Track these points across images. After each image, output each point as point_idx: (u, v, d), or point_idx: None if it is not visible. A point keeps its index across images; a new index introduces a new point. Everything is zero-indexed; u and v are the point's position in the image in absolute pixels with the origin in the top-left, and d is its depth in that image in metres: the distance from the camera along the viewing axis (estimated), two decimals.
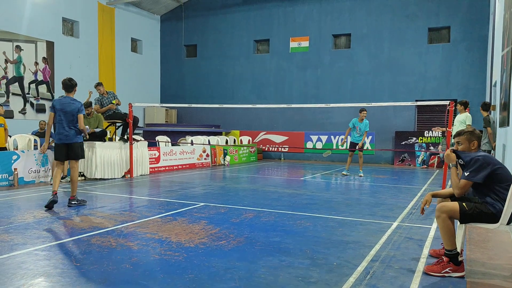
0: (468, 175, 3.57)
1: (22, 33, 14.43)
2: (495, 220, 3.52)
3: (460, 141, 3.80)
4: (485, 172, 3.50)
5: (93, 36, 17.15)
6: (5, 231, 4.96)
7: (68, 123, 6.52)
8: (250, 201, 7.33)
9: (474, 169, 3.54)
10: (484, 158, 3.56)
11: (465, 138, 3.77)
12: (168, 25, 20.90)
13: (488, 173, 3.50)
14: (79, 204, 6.67)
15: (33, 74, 14.91)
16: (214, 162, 14.94)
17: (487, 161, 3.54)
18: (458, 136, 3.83)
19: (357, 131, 11.73)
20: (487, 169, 3.51)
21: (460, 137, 3.80)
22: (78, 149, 6.64)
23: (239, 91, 19.35)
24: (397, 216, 6.14)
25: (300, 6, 18.01)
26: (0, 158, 8.82)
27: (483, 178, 3.51)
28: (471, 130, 3.81)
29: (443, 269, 3.59)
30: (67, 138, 6.53)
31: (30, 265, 3.74)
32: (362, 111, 11.63)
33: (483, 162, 3.53)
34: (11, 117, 13.97)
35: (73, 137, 6.58)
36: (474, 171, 3.54)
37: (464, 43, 15.46)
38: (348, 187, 9.71)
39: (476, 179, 3.53)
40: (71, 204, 6.60)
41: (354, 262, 3.91)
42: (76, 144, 6.61)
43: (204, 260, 3.91)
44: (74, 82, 6.72)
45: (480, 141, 3.80)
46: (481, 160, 3.54)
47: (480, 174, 3.51)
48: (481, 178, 3.51)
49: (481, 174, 3.51)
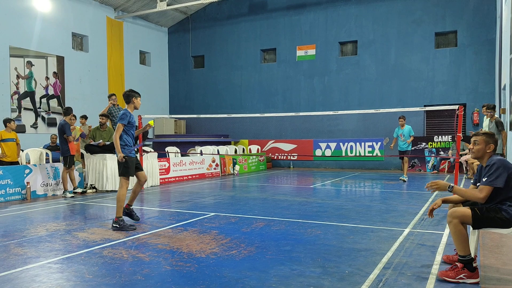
0: (487, 180, 3.50)
1: (33, 48, 14.69)
2: (508, 225, 3.48)
3: (478, 140, 3.72)
4: (504, 175, 3.46)
5: (102, 50, 17.39)
6: (19, 245, 5.02)
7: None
8: (260, 210, 7.32)
9: (492, 173, 3.49)
10: (500, 161, 3.52)
11: (482, 139, 3.69)
12: (176, 37, 21.13)
13: (506, 176, 3.46)
14: (120, 228, 5.77)
15: (44, 88, 15.15)
16: (224, 172, 14.97)
17: (504, 164, 3.50)
18: (476, 136, 3.75)
19: (401, 139, 11.92)
20: (504, 172, 3.46)
21: (478, 137, 3.72)
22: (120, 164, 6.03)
23: (247, 101, 19.43)
24: (408, 222, 6.09)
25: (306, 14, 18.11)
26: (13, 172, 8.95)
27: (503, 181, 3.46)
28: (490, 133, 3.76)
29: (458, 275, 3.55)
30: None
31: (44, 278, 3.78)
32: (399, 118, 11.98)
33: (499, 165, 3.48)
34: (23, 131, 14.17)
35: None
36: (493, 175, 3.48)
37: (471, 47, 15.38)
38: (358, 194, 9.65)
39: (497, 184, 3.47)
40: (112, 225, 5.88)
41: (366, 270, 3.89)
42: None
43: (215, 270, 3.91)
44: (132, 93, 6.17)
45: (496, 146, 3.74)
46: (498, 163, 3.50)
47: (499, 178, 3.46)
48: (502, 182, 3.46)
49: (501, 178, 3.46)
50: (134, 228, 5.80)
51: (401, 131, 11.92)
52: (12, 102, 14.12)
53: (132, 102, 6.12)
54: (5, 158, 9.46)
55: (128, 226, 5.80)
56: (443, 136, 15.51)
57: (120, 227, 5.76)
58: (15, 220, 6.70)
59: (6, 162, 9.44)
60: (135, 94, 6.16)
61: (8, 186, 8.80)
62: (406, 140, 11.82)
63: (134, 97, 6.12)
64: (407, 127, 11.88)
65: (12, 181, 8.87)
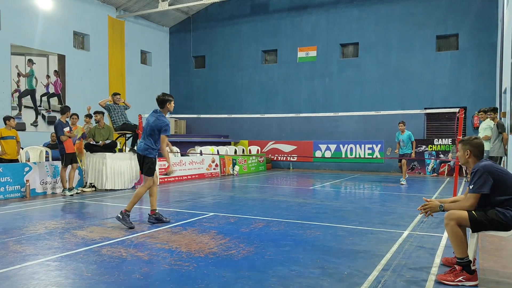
0: (473, 188, 3.55)
1: (34, 47, 14.70)
2: (507, 228, 3.48)
3: (458, 148, 3.89)
4: (489, 181, 3.47)
5: (103, 49, 17.40)
6: (17, 242, 5.02)
7: (147, 136, 6.11)
8: (260, 210, 7.32)
9: (477, 180, 3.52)
10: (483, 167, 3.54)
11: (460, 147, 3.83)
12: (177, 37, 21.14)
13: (492, 181, 3.47)
14: (122, 220, 5.87)
15: (45, 87, 15.15)
16: (223, 172, 14.96)
17: (488, 169, 3.51)
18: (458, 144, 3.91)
19: (402, 144, 11.83)
20: (489, 178, 3.48)
21: (458, 145, 3.88)
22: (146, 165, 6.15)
23: (248, 101, 19.43)
24: (407, 224, 6.09)
25: (308, 16, 18.12)
26: (13, 170, 8.94)
27: (489, 188, 3.47)
28: (466, 139, 3.81)
29: (456, 278, 3.54)
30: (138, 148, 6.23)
31: (42, 276, 3.78)
32: (399, 124, 11.85)
33: (483, 172, 3.51)
34: (23, 129, 14.17)
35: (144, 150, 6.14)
36: (477, 182, 3.51)
37: (472, 50, 15.38)
38: (357, 196, 9.65)
39: (483, 191, 3.49)
40: (117, 216, 5.93)
41: (365, 271, 3.88)
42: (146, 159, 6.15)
43: (214, 270, 3.91)
44: (167, 97, 6.15)
45: (477, 150, 3.73)
46: (481, 170, 3.53)
47: (485, 185, 3.48)
48: (487, 188, 3.48)
49: (486, 184, 3.47)
50: (133, 227, 5.81)
51: (401, 136, 11.81)
52: (13, 100, 14.12)
53: (167, 108, 6.16)
54: (4, 156, 9.46)
55: (129, 223, 5.83)
56: (443, 139, 15.51)
57: (122, 219, 5.83)
58: (14, 217, 6.69)
59: (6, 159, 9.44)
60: (170, 99, 6.19)
61: (7, 183, 8.79)
62: (406, 146, 11.74)
63: (168, 102, 6.14)
64: (407, 133, 11.72)
65: (11, 178, 8.87)
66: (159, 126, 6.00)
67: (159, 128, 6.00)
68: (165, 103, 6.12)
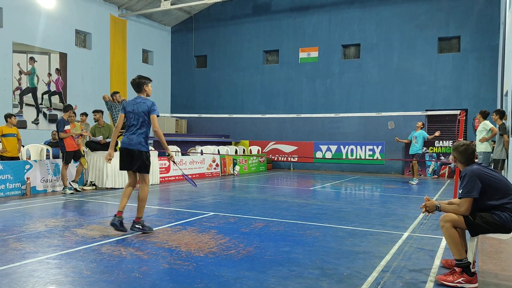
0: (462, 192, 3.56)
1: (36, 45, 14.71)
2: (506, 230, 3.47)
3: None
4: (477, 185, 3.48)
5: (105, 47, 17.41)
6: (17, 240, 5.02)
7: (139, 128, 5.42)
8: (260, 210, 7.32)
9: (465, 184, 3.53)
10: (471, 171, 3.56)
11: (452, 153, 3.90)
12: (179, 36, 21.14)
13: (480, 185, 3.48)
14: (143, 230, 5.40)
15: (46, 85, 15.16)
16: (224, 172, 14.96)
17: (476, 174, 3.52)
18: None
19: (414, 141, 12.62)
20: (477, 182, 3.48)
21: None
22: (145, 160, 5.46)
23: (249, 101, 19.43)
24: (407, 226, 6.08)
25: (310, 16, 18.11)
26: (13, 167, 8.95)
27: (478, 191, 3.48)
28: (454, 145, 3.85)
29: (456, 280, 3.54)
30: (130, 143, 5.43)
31: (42, 273, 3.78)
32: (418, 123, 12.86)
33: (470, 176, 3.52)
34: (24, 127, 14.17)
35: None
36: (466, 187, 3.53)
37: (474, 52, 15.37)
38: (358, 197, 9.64)
39: (472, 195, 3.49)
40: (134, 227, 5.40)
41: (364, 273, 3.88)
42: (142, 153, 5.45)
43: (213, 270, 3.91)
44: (143, 80, 5.55)
45: (462, 156, 3.75)
46: (468, 174, 3.55)
47: (474, 189, 3.49)
48: (477, 192, 3.48)
49: (475, 188, 3.48)
50: (152, 230, 5.50)
51: (415, 133, 12.60)
52: (14, 98, 14.13)
53: (144, 90, 5.55)
54: (5, 153, 9.47)
55: (148, 228, 5.46)
56: (444, 141, 15.50)
57: (142, 229, 5.38)
58: (14, 215, 6.70)
59: (7, 157, 9.45)
60: (146, 81, 5.56)
61: (8, 181, 8.80)
62: (417, 143, 12.41)
63: (145, 84, 5.54)
64: (421, 131, 12.54)
65: (12, 176, 8.88)
66: (148, 107, 5.36)
67: (148, 110, 5.37)
68: (141, 86, 5.51)
